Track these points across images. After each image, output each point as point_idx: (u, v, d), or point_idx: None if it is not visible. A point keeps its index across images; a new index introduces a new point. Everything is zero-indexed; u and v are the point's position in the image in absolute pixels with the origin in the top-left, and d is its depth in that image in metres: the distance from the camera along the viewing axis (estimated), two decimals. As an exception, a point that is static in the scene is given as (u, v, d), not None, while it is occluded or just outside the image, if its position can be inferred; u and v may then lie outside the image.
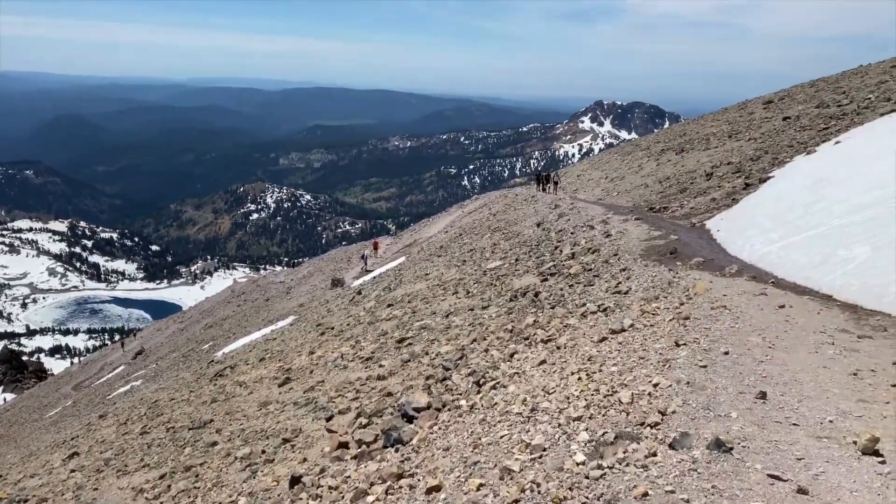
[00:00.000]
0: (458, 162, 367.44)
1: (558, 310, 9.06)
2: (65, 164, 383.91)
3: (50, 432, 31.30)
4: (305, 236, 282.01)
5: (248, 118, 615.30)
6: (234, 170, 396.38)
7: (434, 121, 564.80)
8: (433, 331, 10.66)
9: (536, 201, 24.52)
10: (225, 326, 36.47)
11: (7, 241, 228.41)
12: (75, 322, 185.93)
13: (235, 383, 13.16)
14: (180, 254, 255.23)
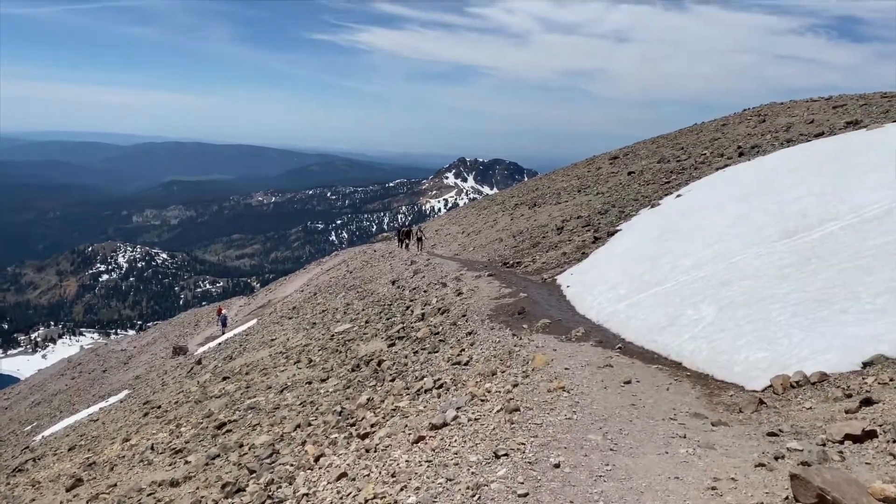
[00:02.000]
0: (325, 217, 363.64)
1: (398, 383, 8.20)
2: None
3: None
4: (162, 297, 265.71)
5: (96, 173, 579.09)
6: (82, 229, 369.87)
7: (298, 176, 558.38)
8: (260, 412, 9.42)
9: (394, 258, 23.84)
10: (54, 403, 32.52)
11: None
12: None
13: (29, 483, 11.09)
14: (19, 320, 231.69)
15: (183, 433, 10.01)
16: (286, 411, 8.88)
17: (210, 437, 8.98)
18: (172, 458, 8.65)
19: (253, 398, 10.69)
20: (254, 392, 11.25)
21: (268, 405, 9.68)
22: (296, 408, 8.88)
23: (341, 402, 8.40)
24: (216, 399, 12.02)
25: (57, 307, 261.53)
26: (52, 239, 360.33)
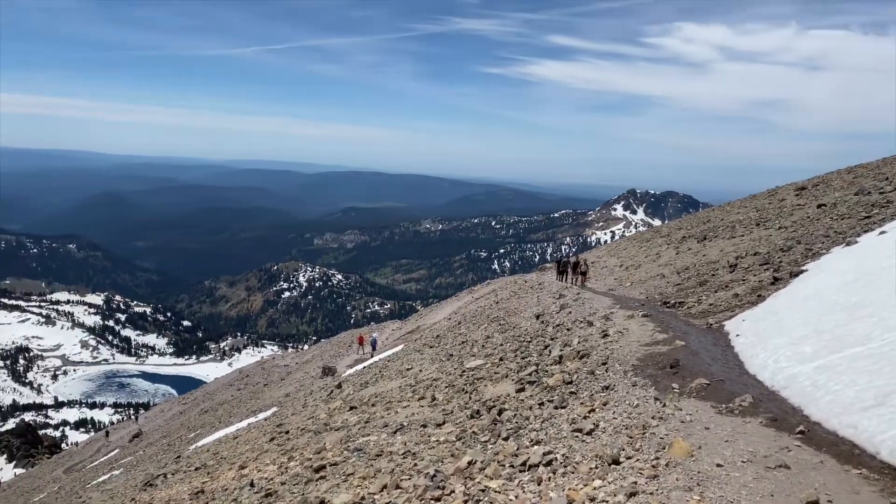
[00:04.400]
0: (489, 245, 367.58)
1: (510, 444, 6.90)
2: (106, 239, 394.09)
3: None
4: (335, 315, 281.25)
5: (284, 199, 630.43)
6: (269, 249, 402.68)
7: (465, 204, 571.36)
8: (363, 457, 8.50)
9: (542, 289, 22.43)
10: (219, 413, 34.36)
11: (44, 312, 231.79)
12: (103, 395, 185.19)
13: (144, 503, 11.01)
14: (211, 330, 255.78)
15: (289, 469, 9.35)
16: (385, 462, 7.86)
17: (304, 482, 8.18)
18: (260, 502, 7.96)
19: (366, 437, 9.83)
20: (370, 429, 10.40)
21: (373, 449, 8.74)
22: (397, 458, 7.85)
23: (443, 459, 7.23)
24: (335, 432, 11.34)
25: (244, 319, 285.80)
26: (243, 257, 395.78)
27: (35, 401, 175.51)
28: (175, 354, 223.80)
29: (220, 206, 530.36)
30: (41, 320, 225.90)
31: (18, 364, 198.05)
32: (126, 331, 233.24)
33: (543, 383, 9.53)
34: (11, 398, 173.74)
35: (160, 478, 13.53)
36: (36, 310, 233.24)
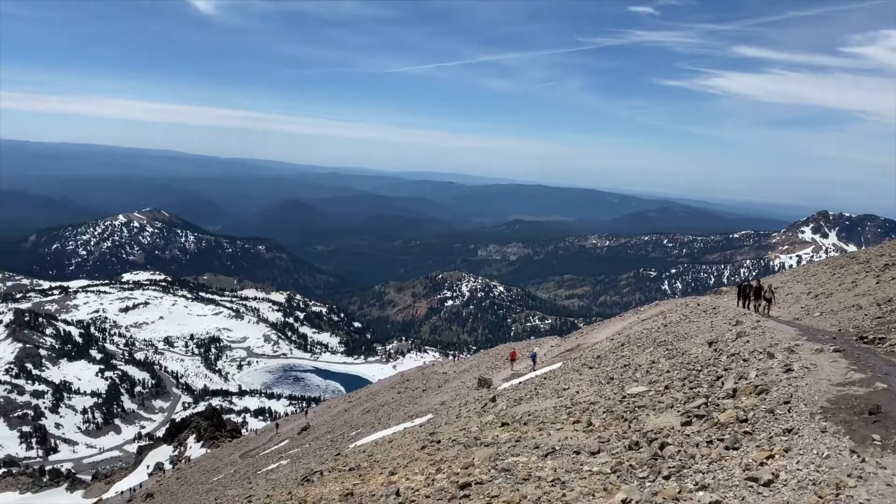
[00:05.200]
0: (659, 265, 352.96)
1: (670, 484, 6.18)
2: (291, 242, 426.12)
3: (196, 500, 31.76)
4: (495, 326, 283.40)
5: (451, 210, 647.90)
6: (435, 257, 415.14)
7: (635, 221, 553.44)
8: (509, 479, 8.09)
9: (717, 314, 20.76)
10: (379, 413, 35.52)
11: (235, 307, 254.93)
12: (280, 387, 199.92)
13: (297, 500, 11.34)
14: (379, 332, 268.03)
15: (435, 482, 9.18)
16: (532, 487, 7.42)
17: (448, 498, 7.93)
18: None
19: (515, 457, 9.44)
20: (520, 449, 10.00)
21: (521, 471, 8.32)
22: (544, 485, 7.37)
23: (594, 493, 6.66)
24: (484, 447, 11.06)
25: (409, 324, 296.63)
26: (411, 265, 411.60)
27: (222, 387, 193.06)
28: (345, 353, 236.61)
29: (392, 214, 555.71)
30: (231, 314, 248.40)
31: (210, 353, 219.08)
32: (303, 328, 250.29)
33: (713, 418, 8.62)
34: (203, 383, 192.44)
35: (317, 474, 14.01)
36: (228, 304, 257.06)
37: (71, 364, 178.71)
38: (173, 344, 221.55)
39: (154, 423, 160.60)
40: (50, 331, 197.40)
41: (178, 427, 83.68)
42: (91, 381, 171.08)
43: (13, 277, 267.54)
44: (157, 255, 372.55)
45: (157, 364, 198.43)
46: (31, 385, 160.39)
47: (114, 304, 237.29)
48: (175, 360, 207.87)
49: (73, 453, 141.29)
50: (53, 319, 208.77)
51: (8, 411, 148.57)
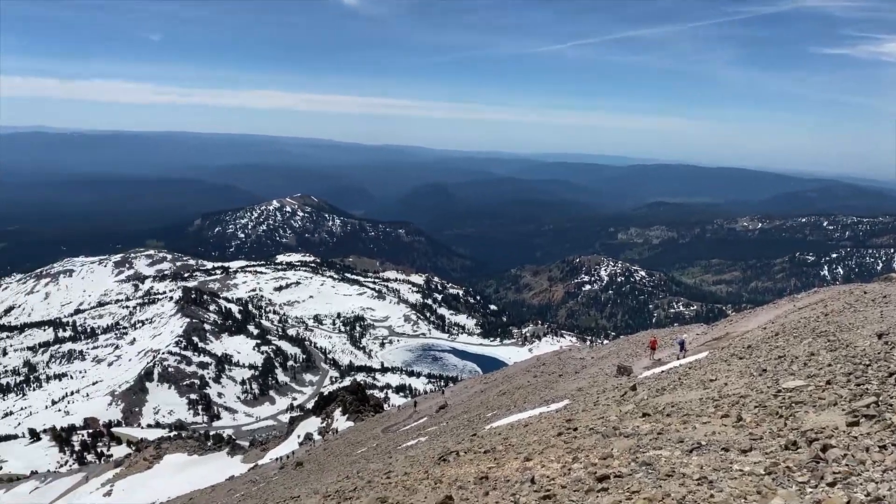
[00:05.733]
0: (818, 248, 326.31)
1: (837, 493, 5.56)
2: (430, 226, 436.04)
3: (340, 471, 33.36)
4: (635, 312, 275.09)
5: (589, 192, 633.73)
6: (572, 241, 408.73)
7: (790, 202, 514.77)
8: (650, 474, 7.65)
9: (887, 303, 18.78)
10: (514, 396, 35.50)
11: (377, 288, 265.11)
12: (419, 366, 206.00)
13: (433, 479, 11.46)
14: (514, 316, 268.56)
15: (572, 471, 8.92)
16: (676, 484, 6.96)
17: (585, 490, 7.63)
18: (538, 502, 7.61)
19: (657, 451, 8.97)
20: (662, 442, 9.49)
21: (664, 466, 7.86)
22: (690, 483, 6.89)
23: (746, 496, 6.11)
24: (624, 438, 10.63)
25: (545, 308, 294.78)
26: (547, 248, 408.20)
27: (366, 364, 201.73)
28: (481, 335, 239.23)
29: (528, 197, 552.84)
30: (374, 294, 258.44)
31: (355, 331, 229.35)
32: (441, 309, 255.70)
33: (886, 420, 7.72)
34: (349, 359, 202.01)
35: (453, 454, 14.14)
36: (371, 285, 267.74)
37: (231, 338, 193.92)
38: (322, 322, 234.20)
39: (304, 395, 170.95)
40: (213, 307, 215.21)
41: (325, 400, 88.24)
42: (249, 355, 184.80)
43: (181, 258, 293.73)
44: (307, 238, 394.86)
45: (307, 340, 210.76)
46: (197, 357, 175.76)
47: (269, 284, 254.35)
48: (323, 337, 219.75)
49: (233, 420, 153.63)
50: (216, 297, 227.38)
51: (178, 380, 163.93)
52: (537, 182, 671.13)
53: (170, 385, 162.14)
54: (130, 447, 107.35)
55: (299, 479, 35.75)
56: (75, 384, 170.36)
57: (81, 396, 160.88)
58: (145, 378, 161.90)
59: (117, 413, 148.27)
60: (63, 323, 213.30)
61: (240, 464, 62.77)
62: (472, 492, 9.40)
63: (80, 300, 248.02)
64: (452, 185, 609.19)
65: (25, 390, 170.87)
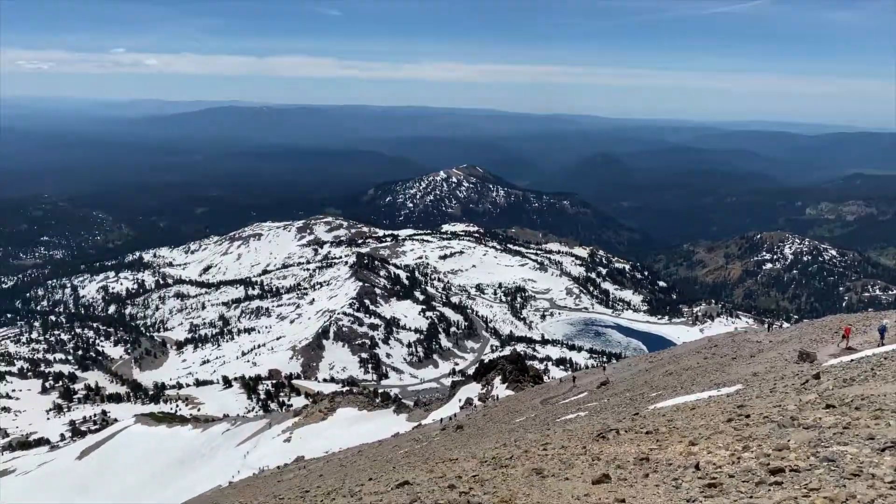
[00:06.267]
0: None
1: None
2: (595, 198, 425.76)
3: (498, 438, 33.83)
4: (823, 295, 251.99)
5: (776, 163, 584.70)
6: (753, 216, 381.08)
7: None
8: (833, 471, 6.84)
9: None
10: (682, 378, 33.89)
11: (539, 259, 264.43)
12: (580, 340, 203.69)
13: (591, 455, 11.15)
14: (685, 293, 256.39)
15: (741, 460, 8.26)
16: (863, 485, 6.12)
17: (755, 482, 6.99)
18: (702, 492, 7.09)
19: (842, 446, 8.06)
20: (848, 438, 8.53)
21: (850, 464, 7.02)
22: (880, 487, 6.05)
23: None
24: (803, 430, 9.68)
25: (719, 287, 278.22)
26: (724, 223, 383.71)
27: (526, 335, 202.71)
28: (648, 312, 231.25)
29: (705, 168, 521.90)
30: (536, 266, 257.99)
31: (516, 301, 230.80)
32: (605, 284, 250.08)
33: None
34: (509, 329, 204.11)
35: (613, 432, 13.74)
36: (533, 256, 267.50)
37: (399, 303, 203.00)
38: (484, 291, 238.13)
39: (466, 361, 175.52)
40: (383, 273, 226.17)
41: (486, 367, 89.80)
42: (415, 319, 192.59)
43: (356, 225, 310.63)
44: (471, 208, 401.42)
45: (469, 308, 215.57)
46: (368, 318, 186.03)
47: (434, 252, 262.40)
48: (485, 306, 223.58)
49: (399, 380, 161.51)
50: (386, 263, 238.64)
51: (351, 339, 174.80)
52: (718, 152, 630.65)
53: (343, 343, 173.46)
54: (308, 399, 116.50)
55: (458, 442, 36.79)
56: (262, 338, 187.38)
57: (267, 350, 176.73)
58: (322, 336, 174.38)
59: (297, 366, 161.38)
60: (252, 282, 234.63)
61: (405, 422, 65.82)
62: (630, 472, 9.04)
63: (267, 262, 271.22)
64: (623, 155, 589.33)
65: (220, 341, 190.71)
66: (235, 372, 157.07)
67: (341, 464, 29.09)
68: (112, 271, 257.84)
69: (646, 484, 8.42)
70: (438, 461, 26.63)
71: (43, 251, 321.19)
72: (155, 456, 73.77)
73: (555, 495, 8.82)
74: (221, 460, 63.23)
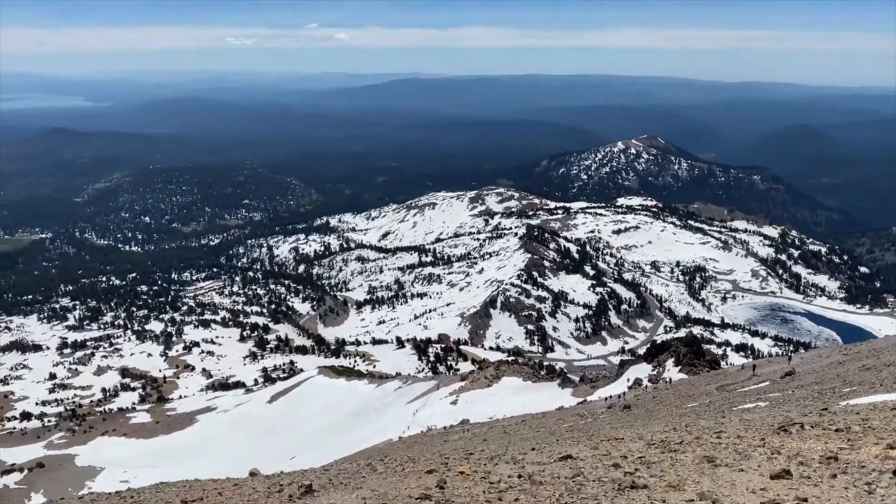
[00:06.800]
0: None
1: None
2: (790, 173, 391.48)
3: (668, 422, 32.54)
4: None
5: None
6: None
7: None
8: None
9: None
10: (882, 374, 30.44)
11: (722, 238, 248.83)
12: (765, 326, 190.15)
13: (771, 448, 10.33)
14: (891, 281, 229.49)
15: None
16: None
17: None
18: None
19: None
20: None
21: None
22: None
23: None
24: None
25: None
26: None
27: (703, 317, 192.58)
28: (845, 301, 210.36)
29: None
30: (718, 245, 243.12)
31: (695, 282, 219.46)
32: (797, 267, 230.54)
33: None
34: (685, 310, 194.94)
35: (796, 426, 12.68)
36: (716, 234, 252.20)
37: (567, 277, 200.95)
38: (659, 269, 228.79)
39: (636, 340, 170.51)
40: (553, 245, 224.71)
41: (658, 348, 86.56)
42: (583, 294, 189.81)
43: (527, 197, 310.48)
44: (649, 182, 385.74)
45: (642, 286, 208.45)
46: (536, 291, 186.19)
47: (607, 226, 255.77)
48: (660, 285, 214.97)
49: (565, 355, 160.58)
50: (556, 236, 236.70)
51: (517, 310, 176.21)
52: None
53: (510, 314, 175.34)
54: (474, 364, 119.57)
55: (625, 422, 35.94)
56: (433, 303, 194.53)
57: (437, 315, 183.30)
58: (490, 305, 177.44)
59: (465, 333, 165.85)
60: (425, 249, 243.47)
61: (569, 396, 65.44)
62: (815, 470, 8.30)
63: (440, 230, 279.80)
64: (825, 127, 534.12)
65: (395, 304, 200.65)
66: (408, 334, 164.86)
67: (504, 431, 29.63)
68: (302, 234, 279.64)
69: (832, 485, 7.69)
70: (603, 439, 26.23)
71: (244, 213, 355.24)
72: (335, 406, 79.67)
73: (727, 486, 8.33)
74: (393, 416, 66.87)
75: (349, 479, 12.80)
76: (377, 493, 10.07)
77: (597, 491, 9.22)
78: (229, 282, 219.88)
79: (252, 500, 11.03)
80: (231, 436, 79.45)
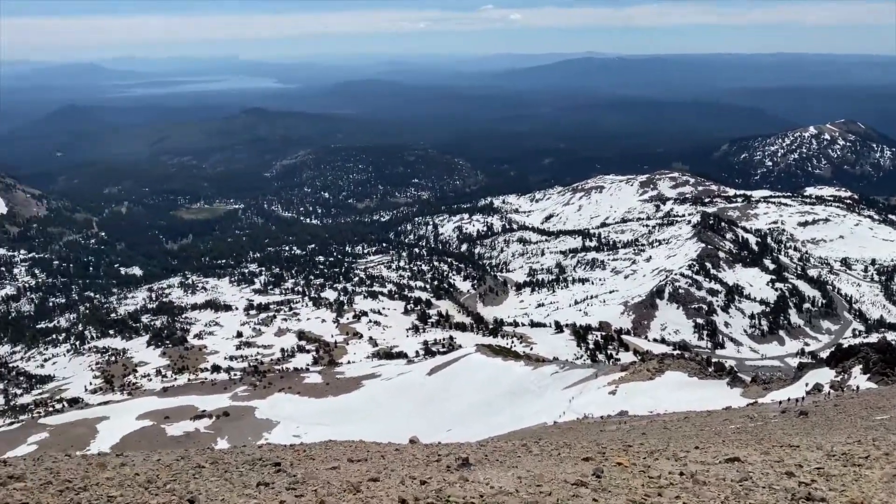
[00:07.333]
0: None
1: None
2: None
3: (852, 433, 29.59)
4: None
5: None
6: None
7: None
8: None
9: None
10: None
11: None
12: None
13: None
14: None
15: None
16: None
17: None
18: None
19: None
20: None
21: None
22: None
23: None
24: None
25: None
26: None
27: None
28: None
29: None
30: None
31: (893, 282, 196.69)
32: None
33: None
34: (879, 313, 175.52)
35: None
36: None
37: (744, 270, 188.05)
38: (851, 266, 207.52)
39: (819, 343, 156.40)
40: (729, 236, 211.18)
41: (843, 353, 78.82)
42: (761, 290, 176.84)
43: (703, 183, 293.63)
44: (845, 171, 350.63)
45: (829, 284, 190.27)
46: (708, 283, 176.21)
47: (792, 218, 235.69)
48: (850, 284, 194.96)
49: (736, 352, 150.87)
50: (734, 226, 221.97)
51: (686, 302, 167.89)
52: None
53: (678, 305, 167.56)
54: (636, 355, 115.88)
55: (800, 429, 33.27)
56: (594, 290, 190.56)
57: (599, 301, 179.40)
58: (656, 295, 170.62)
59: (627, 322, 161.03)
60: (590, 234, 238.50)
61: (738, 397, 61.52)
62: None
63: (606, 215, 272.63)
64: None
65: (555, 288, 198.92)
66: (567, 319, 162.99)
67: (665, 426, 28.51)
68: (466, 213, 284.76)
69: None
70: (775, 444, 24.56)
71: (413, 192, 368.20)
72: (490, 384, 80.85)
73: (924, 512, 7.46)
74: (548, 400, 66.63)
75: (504, 457, 12.98)
76: (533, 473, 10.13)
77: (767, 498, 8.66)
78: (396, 257, 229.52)
79: (412, 466, 11.53)
80: (392, 403, 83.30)
